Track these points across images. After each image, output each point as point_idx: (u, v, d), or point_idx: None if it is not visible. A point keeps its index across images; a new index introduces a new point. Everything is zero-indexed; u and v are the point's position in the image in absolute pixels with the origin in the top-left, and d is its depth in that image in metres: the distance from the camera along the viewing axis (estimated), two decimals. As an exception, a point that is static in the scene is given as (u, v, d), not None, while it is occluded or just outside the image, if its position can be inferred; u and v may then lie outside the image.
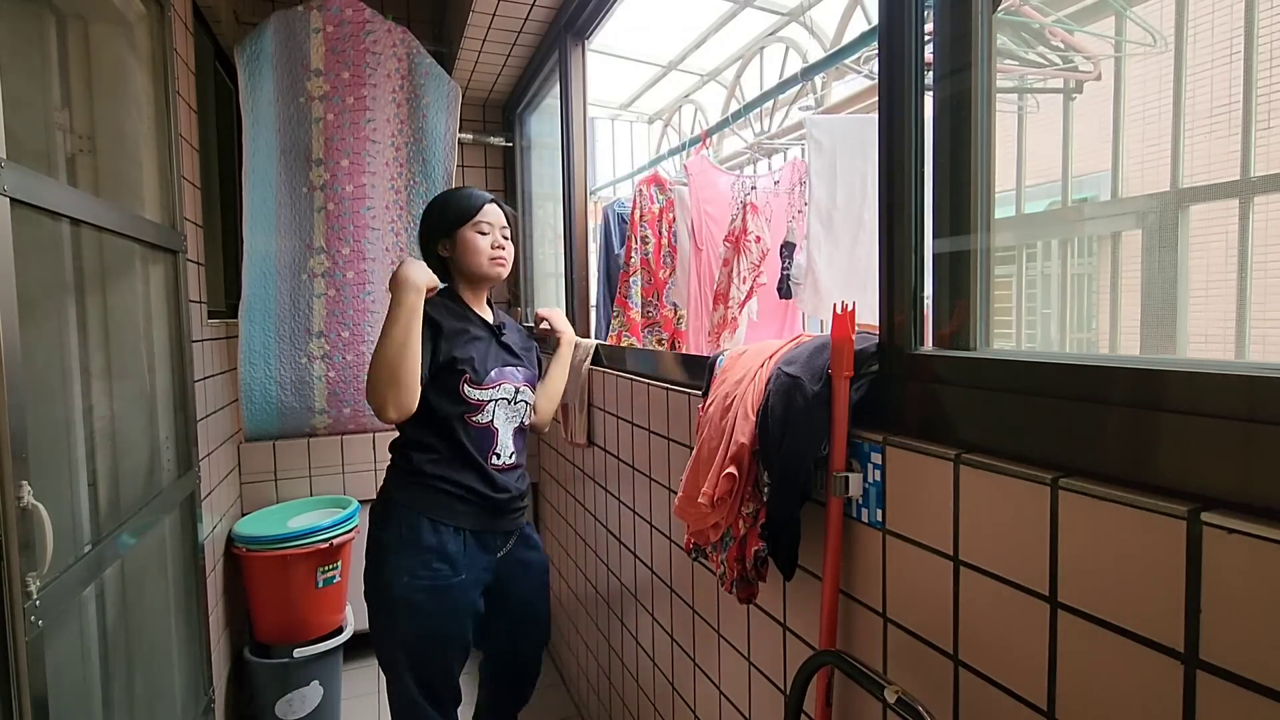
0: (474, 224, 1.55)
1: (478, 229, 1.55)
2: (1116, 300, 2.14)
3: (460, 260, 1.57)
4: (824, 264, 1.81)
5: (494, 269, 1.57)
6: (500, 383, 1.54)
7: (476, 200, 1.56)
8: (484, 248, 1.55)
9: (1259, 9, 1.80)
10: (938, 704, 0.78)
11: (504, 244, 1.58)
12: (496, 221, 1.57)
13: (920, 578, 0.80)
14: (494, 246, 1.56)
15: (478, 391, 1.50)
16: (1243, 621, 0.51)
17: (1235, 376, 0.54)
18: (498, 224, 1.58)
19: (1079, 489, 0.62)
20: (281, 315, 2.32)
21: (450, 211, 1.57)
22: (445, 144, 2.52)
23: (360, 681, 2.47)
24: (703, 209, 2.22)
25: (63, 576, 1.03)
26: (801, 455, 0.89)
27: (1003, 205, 2.25)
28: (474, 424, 1.51)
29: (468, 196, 1.57)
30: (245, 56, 2.23)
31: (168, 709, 1.59)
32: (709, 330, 2.08)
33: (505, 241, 1.59)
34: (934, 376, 0.81)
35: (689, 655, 1.44)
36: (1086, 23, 2.10)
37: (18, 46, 1.18)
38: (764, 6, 2.96)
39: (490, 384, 1.52)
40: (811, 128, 1.81)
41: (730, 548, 1.02)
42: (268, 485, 2.40)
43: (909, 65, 0.86)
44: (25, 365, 0.94)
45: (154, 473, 1.56)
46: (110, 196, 1.45)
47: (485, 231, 1.55)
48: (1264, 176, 1.64)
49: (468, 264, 1.56)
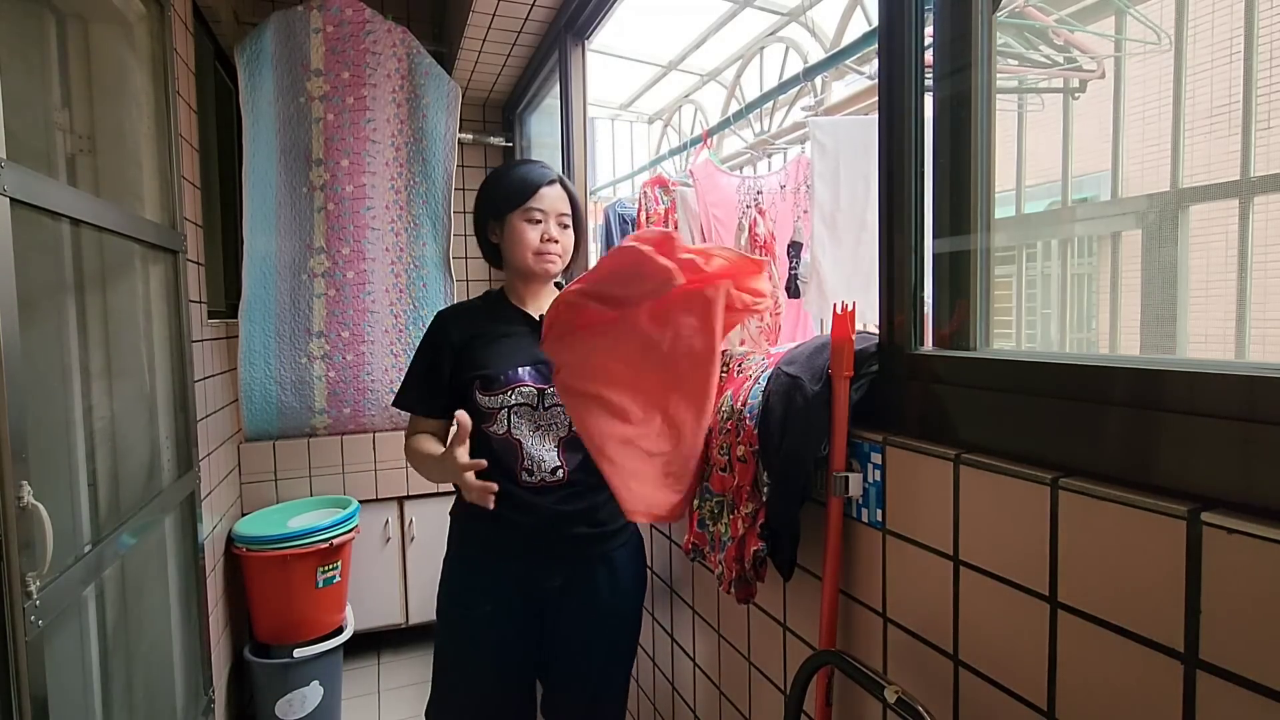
0: (524, 210, 1.31)
1: (528, 217, 1.31)
2: (1116, 300, 2.14)
3: (506, 251, 1.35)
4: (829, 265, 1.81)
5: (540, 265, 1.32)
6: (516, 385, 1.26)
7: (532, 182, 1.31)
8: (531, 240, 1.31)
9: (1259, 9, 1.80)
10: (938, 704, 0.78)
11: (557, 237, 1.33)
12: (553, 209, 1.32)
13: (920, 578, 0.80)
14: (544, 239, 1.31)
15: (488, 398, 1.26)
16: (1243, 621, 0.51)
17: (1235, 376, 0.54)
18: (554, 211, 1.32)
19: (1079, 489, 0.62)
20: (281, 315, 2.32)
21: (500, 194, 1.34)
22: (445, 144, 2.52)
23: (360, 681, 2.47)
24: (710, 212, 2.22)
25: (63, 576, 1.03)
26: (801, 455, 0.89)
27: (1003, 205, 2.25)
28: (493, 436, 1.26)
29: (523, 176, 1.33)
30: (245, 56, 2.23)
31: (168, 709, 1.59)
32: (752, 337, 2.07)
33: (561, 232, 1.34)
34: (934, 376, 0.81)
35: (689, 655, 1.44)
36: (1088, 22, 2.10)
37: (18, 46, 1.19)
38: (764, 6, 2.96)
39: (501, 388, 1.26)
40: (815, 129, 1.81)
41: (729, 548, 1.01)
42: (268, 485, 2.40)
43: (909, 65, 0.86)
44: (25, 365, 0.94)
45: (154, 473, 1.56)
46: (110, 196, 1.45)
47: (538, 220, 1.31)
48: (1264, 176, 1.64)
49: (512, 256, 1.34)
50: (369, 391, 2.42)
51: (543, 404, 1.27)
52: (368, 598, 2.49)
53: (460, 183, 3.00)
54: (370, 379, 2.41)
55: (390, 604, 2.54)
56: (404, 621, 2.56)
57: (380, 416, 2.47)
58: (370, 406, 2.43)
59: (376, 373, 2.42)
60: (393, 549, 2.54)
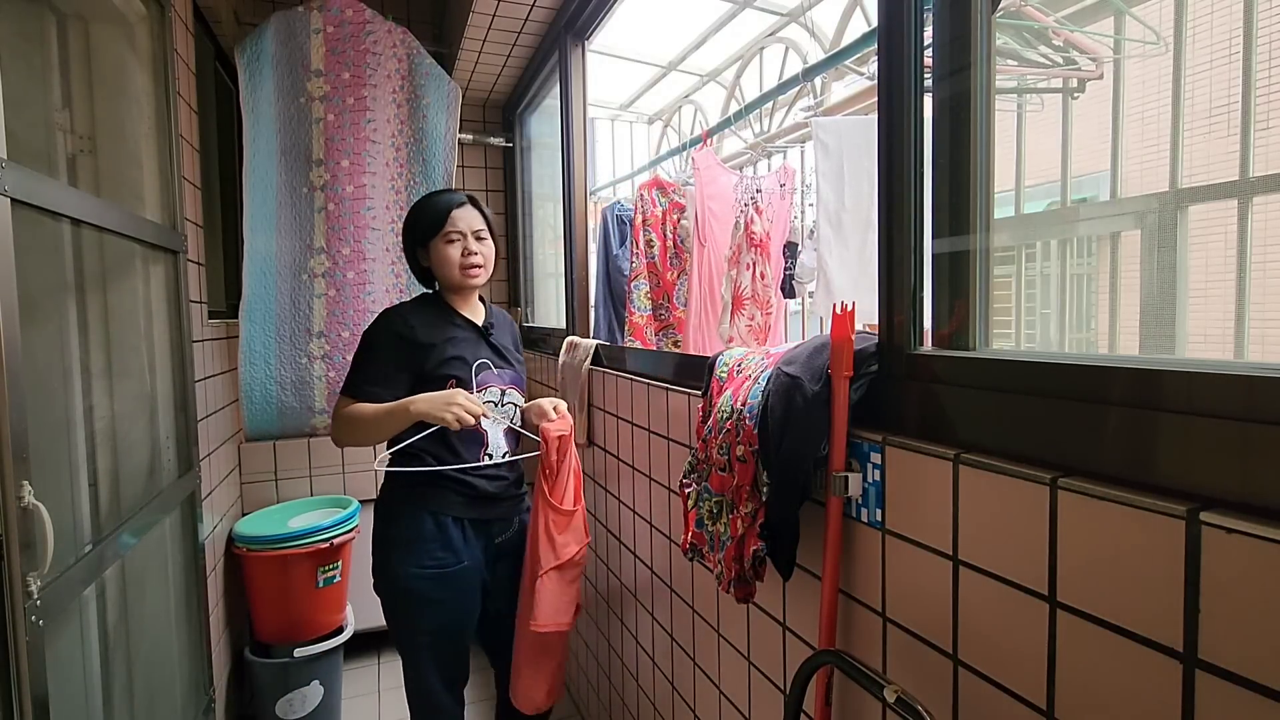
0: (443, 235, 1.53)
1: (447, 239, 1.53)
2: (1116, 300, 2.14)
3: (436, 271, 1.58)
4: (835, 265, 1.81)
5: (467, 279, 1.55)
6: (486, 386, 1.57)
7: (442, 209, 1.54)
8: (455, 258, 1.53)
9: (1258, 9, 1.80)
10: (937, 704, 0.79)
11: (475, 251, 1.55)
12: (468, 228, 1.54)
13: (920, 577, 0.80)
14: (464, 254, 1.54)
15: None
16: (1242, 621, 0.51)
17: (1234, 376, 0.54)
18: (469, 230, 1.55)
19: (1078, 489, 0.62)
20: (282, 315, 2.32)
21: (420, 225, 1.56)
22: (445, 144, 2.52)
23: (360, 681, 2.47)
24: (706, 205, 2.22)
25: (63, 576, 1.03)
26: (801, 455, 0.89)
27: (1002, 205, 2.25)
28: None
29: (434, 207, 1.55)
30: (245, 57, 2.23)
31: (168, 708, 1.59)
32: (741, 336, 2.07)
33: (480, 244, 1.56)
34: (933, 376, 0.82)
35: (689, 655, 1.45)
36: (1087, 23, 2.10)
37: (18, 46, 1.19)
38: (764, 7, 2.96)
39: (475, 390, 1.54)
40: (818, 129, 1.81)
41: (728, 547, 1.02)
42: (268, 485, 2.40)
43: (908, 66, 0.86)
44: (26, 365, 0.94)
45: (154, 473, 1.56)
46: (111, 196, 1.45)
47: (455, 240, 1.53)
48: (1263, 176, 1.64)
49: (442, 275, 1.57)
50: (369, 391, 2.41)
51: (501, 401, 1.60)
52: (368, 598, 2.47)
53: (460, 183, 3.00)
54: (370, 379, 2.41)
55: (390, 604, 2.54)
56: (404, 621, 2.56)
57: (380, 416, 2.46)
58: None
59: (376, 373, 2.41)
60: (393, 549, 2.54)
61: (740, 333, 2.04)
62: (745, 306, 2.05)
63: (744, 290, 2.05)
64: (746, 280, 2.04)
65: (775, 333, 2.17)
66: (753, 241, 2.03)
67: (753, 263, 2.03)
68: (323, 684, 2.12)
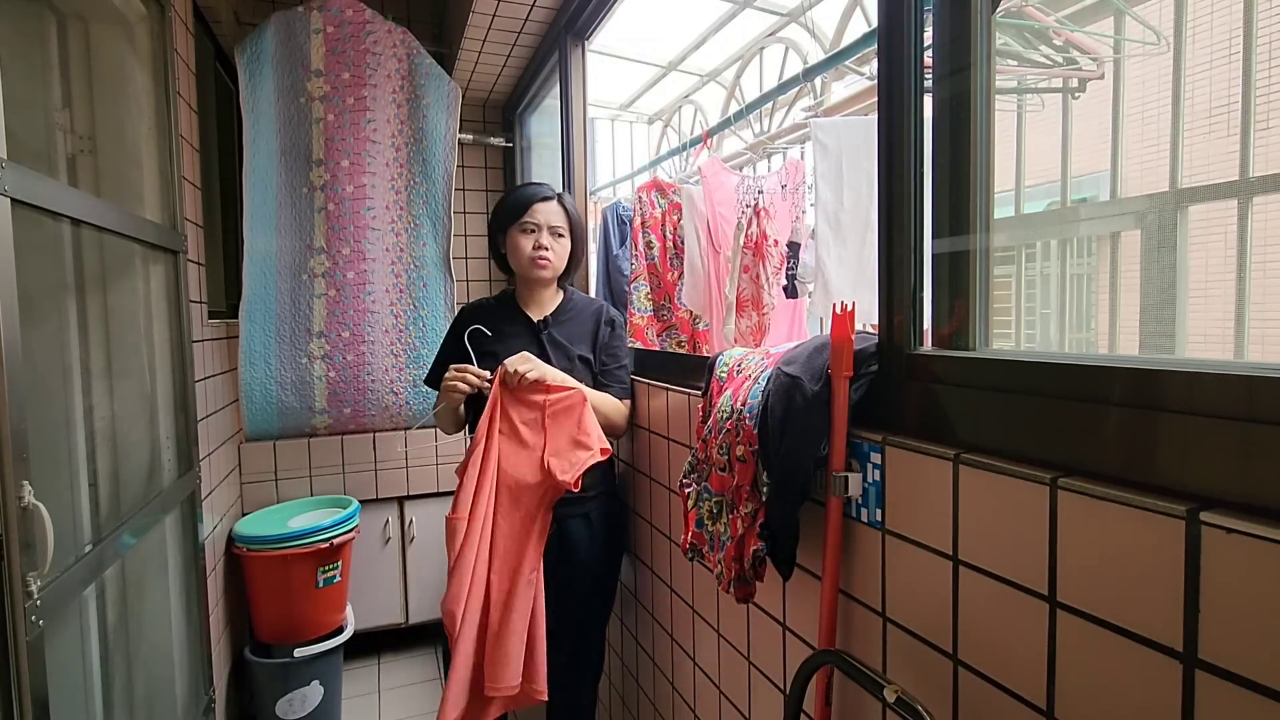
0: (520, 224, 1.58)
1: (523, 229, 1.58)
2: (1116, 300, 2.14)
3: (509, 259, 1.63)
4: (834, 265, 1.81)
5: (533, 271, 1.58)
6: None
7: (524, 200, 1.59)
8: (525, 249, 1.58)
9: (1258, 9, 1.80)
10: (937, 704, 0.79)
11: (549, 245, 1.58)
12: (545, 221, 1.59)
13: (920, 577, 0.80)
14: (535, 247, 1.57)
15: None
16: (1242, 621, 0.51)
17: (1234, 376, 0.54)
18: (546, 223, 1.59)
19: (1078, 489, 0.62)
20: (282, 315, 2.32)
21: (502, 210, 1.62)
22: (445, 144, 2.52)
23: (360, 681, 2.47)
24: (717, 210, 2.22)
25: (63, 576, 1.03)
26: (801, 455, 0.89)
27: (1002, 205, 2.25)
28: None
29: (519, 196, 1.60)
30: (245, 57, 2.23)
31: (168, 708, 1.59)
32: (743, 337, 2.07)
33: (553, 241, 1.59)
34: (933, 376, 0.82)
35: (689, 655, 1.45)
36: (1087, 22, 2.10)
37: (18, 46, 1.19)
38: (764, 7, 2.95)
39: None
40: (816, 130, 1.81)
41: (728, 547, 1.02)
42: (268, 485, 2.40)
43: (908, 66, 0.86)
44: (26, 365, 0.94)
45: (154, 473, 1.56)
46: (111, 197, 1.45)
47: (530, 231, 1.58)
48: (1263, 177, 1.64)
49: (513, 263, 1.62)
50: (369, 391, 2.42)
51: None
52: (368, 598, 2.49)
53: (460, 183, 3.00)
54: (370, 379, 2.41)
55: (390, 604, 2.54)
56: (404, 621, 2.57)
57: (380, 416, 2.47)
58: (370, 406, 2.43)
59: (377, 373, 2.42)
60: (393, 549, 2.54)
61: (740, 332, 2.05)
62: (746, 308, 2.06)
63: (745, 292, 2.05)
64: (747, 281, 2.05)
65: (793, 331, 2.17)
66: (751, 243, 2.03)
67: (752, 263, 2.03)
68: (323, 684, 2.12)
